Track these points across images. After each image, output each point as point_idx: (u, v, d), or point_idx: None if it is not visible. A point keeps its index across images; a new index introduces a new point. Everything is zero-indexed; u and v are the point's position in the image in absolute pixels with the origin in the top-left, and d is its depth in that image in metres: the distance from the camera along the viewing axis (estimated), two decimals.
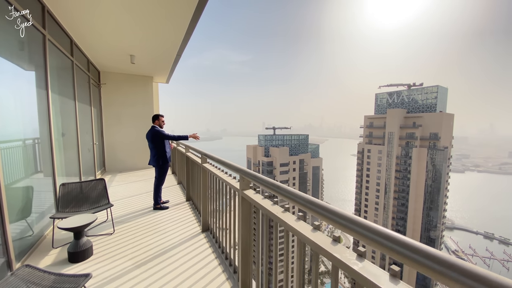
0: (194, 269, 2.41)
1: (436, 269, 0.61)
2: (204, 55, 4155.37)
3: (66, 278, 1.77)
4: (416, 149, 45.58)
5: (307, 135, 57.14)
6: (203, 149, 3.36)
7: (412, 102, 49.75)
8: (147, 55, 5.87)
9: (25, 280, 1.72)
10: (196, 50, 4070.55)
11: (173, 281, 2.23)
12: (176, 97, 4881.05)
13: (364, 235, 0.82)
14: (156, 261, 2.59)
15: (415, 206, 45.51)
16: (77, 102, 5.05)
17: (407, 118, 48.21)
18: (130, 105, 7.72)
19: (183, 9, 3.51)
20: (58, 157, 3.82)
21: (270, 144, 52.78)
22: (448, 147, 44.40)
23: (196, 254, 2.68)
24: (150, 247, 2.90)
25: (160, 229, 3.43)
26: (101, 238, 3.14)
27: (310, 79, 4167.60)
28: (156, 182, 4.29)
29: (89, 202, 3.38)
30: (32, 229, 2.97)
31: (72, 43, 4.78)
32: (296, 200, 1.17)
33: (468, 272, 0.55)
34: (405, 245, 0.69)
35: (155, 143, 4.20)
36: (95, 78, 6.78)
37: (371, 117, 53.54)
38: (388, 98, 53.30)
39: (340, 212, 0.94)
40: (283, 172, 50.69)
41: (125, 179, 6.55)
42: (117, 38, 4.74)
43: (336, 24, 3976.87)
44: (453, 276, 0.57)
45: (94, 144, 6.41)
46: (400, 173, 47.28)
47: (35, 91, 3.28)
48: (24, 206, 2.86)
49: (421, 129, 45.69)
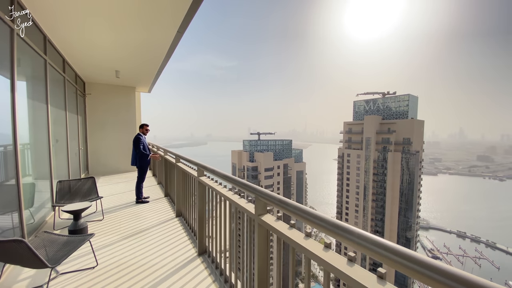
0: (169, 247, 3.30)
1: (407, 266, 0.72)
2: (189, 60, 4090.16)
3: (75, 237, 2.61)
4: (391, 153, 48.56)
5: (291, 140, 58.86)
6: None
7: (387, 109, 53.26)
8: (131, 70, 6.67)
9: (44, 240, 2.53)
10: (181, 55, 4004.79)
11: (152, 250, 3.11)
12: (159, 102, 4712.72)
13: (350, 239, 0.94)
14: (139, 235, 3.47)
15: (391, 207, 48.18)
16: (67, 112, 5.76)
17: (382, 124, 51.41)
18: (113, 113, 8.42)
19: (165, 32, 4.15)
20: (54, 159, 4.54)
21: (254, 149, 53.77)
22: (420, 151, 47.84)
23: (171, 236, 3.54)
24: (133, 226, 3.74)
25: (141, 216, 4.26)
26: (94, 223, 3.92)
27: (295, 86, 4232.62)
28: (137, 180, 5.10)
29: (81, 196, 4.14)
30: (33, 217, 3.69)
31: (64, 61, 5.54)
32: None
33: (438, 269, 0.66)
34: (381, 246, 0.81)
35: (134, 147, 5.06)
36: (81, 89, 7.45)
37: (350, 123, 56.46)
38: (365, 106, 56.61)
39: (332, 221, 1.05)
40: (267, 177, 51.64)
41: (108, 181, 7.22)
42: (104, 58, 5.55)
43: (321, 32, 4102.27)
44: (422, 271, 0.69)
45: (80, 149, 7.04)
46: (378, 176, 50.01)
47: (41, 106, 4.05)
48: (30, 198, 3.59)
49: (395, 135, 48.93)
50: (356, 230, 0.95)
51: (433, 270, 0.67)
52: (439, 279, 0.66)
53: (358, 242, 0.91)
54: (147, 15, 3.59)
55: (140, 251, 3.04)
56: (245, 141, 54.60)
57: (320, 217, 1.11)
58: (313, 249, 1.15)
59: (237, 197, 2.07)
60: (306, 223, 1.19)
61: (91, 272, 2.57)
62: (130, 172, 8.40)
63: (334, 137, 66.15)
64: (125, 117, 8.58)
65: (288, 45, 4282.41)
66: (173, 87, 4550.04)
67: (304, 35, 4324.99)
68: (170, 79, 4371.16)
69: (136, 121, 9.26)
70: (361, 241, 0.90)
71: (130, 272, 2.56)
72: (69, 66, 5.96)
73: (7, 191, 2.97)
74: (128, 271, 2.59)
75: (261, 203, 1.60)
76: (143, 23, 3.84)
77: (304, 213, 1.21)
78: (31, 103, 3.86)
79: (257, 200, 1.60)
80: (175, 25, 3.87)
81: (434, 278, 0.67)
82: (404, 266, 0.74)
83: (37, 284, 2.35)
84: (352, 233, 0.95)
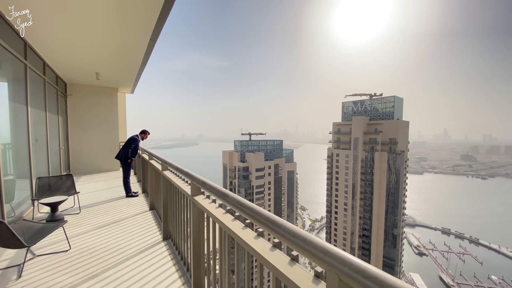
0: (138, 233, 3.67)
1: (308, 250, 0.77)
2: (180, 60, 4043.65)
3: (49, 223, 2.95)
4: (378, 153, 50.03)
5: (281, 141, 59.58)
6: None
7: (374, 110, 54.84)
8: (111, 72, 6.92)
9: (23, 226, 2.86)
10: (171, 54, 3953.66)
11: (122, 237, 3.48)
12: (148, 102, 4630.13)
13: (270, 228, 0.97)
14: (112, 225, 3.83)
15: (378, 206, 49.63)
16: (48, 112, 6.00)
17: (369, 124, 52.89)
18: (95, 113, 8.64)
19: (141, 32, 4.26)
20: (34, 157, 4.81)
21: (246, 149, 54.12)
22: (405, 151, 49.54)
23: (145, 226, 3.92)
24: (108, 219, 4.09)
25: (116, 210, 4.60)
26: (71, 216, 4.24)
27: (287, 86, 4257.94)
28: (123, 176, 5.47)
29: (59, 191, 4.43)
30: (14, 211, 3.98)
31: (44, 64, 5.79)
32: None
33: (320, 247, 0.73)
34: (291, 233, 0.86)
35: (125, 145, 5.48)
36: (62, 90, 7.65)
37: (338, 123, 57.76)
38: (353, 107, 58.06)
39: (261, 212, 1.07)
40: (258, 177, 52.07)
41: (89, 180, 7.47)
42: (83, 60, 5.83)
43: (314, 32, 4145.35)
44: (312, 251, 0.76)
45: (61, 149, 7.24)
46: (365, 176, 51.39)
47: (21, 107, 4.33)
48: (10, 193, 3.88)
49: (381, 135, 50.46)
50: (260, 210, 1.07)
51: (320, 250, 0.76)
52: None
53: (262, 222, 1.02)
54: (121, 20, 3.89)
55: (111, 237, 3.40)
56: (236, 142, 54.88)
57: (237, 199, 1.28)
58: (248, 239, 1.19)
59: (185, 185, 2.48)
60: (225, 203, 1.43)
61: (64, 255, 2.92)
62: (112, 172, 8.64)
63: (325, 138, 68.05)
64: (107, 118, 8.80)
65: (281, 45, 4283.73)
66: (163, 87, 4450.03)
67: (296, 35, 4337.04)
68: (160, 79, 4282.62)
69: (120, 121, 9.47)
70: (267, 222, 1.00)
71: (99, 254, 2.93)
72: (49, 68, 6.20)
73: None
74: (98, 253, 2.96)
75: (195, 186, 2.03)
76: (118, 27, 4.10)
77: (222, 194, 1.45)
78: (11, 105, 4.14)
79: (192, 184, 2.05)
80: (148, 28, 4.10)
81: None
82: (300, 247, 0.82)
83: (15, 264, 2.68)
84: (259, 214, 1.06)
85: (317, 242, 0.76)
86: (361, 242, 49.07)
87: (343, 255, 0.68)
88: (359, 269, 0.63)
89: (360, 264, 0.64)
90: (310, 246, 0.77)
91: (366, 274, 0.61)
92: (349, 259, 0.66)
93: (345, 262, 0.66)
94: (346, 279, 0.65)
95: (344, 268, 0.66)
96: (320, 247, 0.74)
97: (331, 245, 0.74)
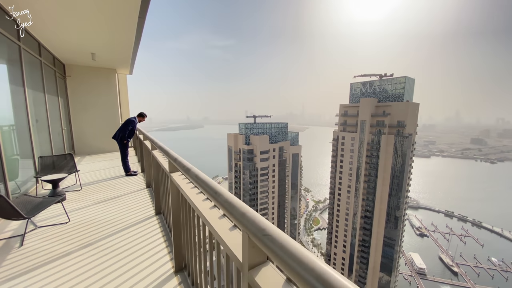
0: (133, 208, 3.90)
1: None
2: (183, 38, 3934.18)
3: (49, 198, 3.17)
4: (384, 136, 49.28)
5: (286, 123, 59.13)
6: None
7: (383, 91, 53.08)
8: (106, 52, 6.85)
9: (24, 201, 3.09)
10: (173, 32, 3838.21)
11: (118, 211, 3.71)
12: (151, 84, 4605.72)
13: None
14: (110, 201, 4.07)
15: (382, 188, 49.96)
16: (46, 93, 6.12)
17: (378, 107, 51.54)
18: (95, 95, 8.72)
19: (129, 10, 4.14)
20: (36, 137, 5.02)
21: (250, 132, 54.17)
22: (413, 134, 48.55)
23: (140, 202, 4.14)
24: (107, 195, 4.33)
25: (115, 187, 4.85)
26: (72, 192, 4.51)
27: (295, 68, 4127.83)
28: (121, 156, 5.67)
29: (60, 169, 4.67)
30: (19, 188, 4.25)
31: (40, 45, 5.79)
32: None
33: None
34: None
35: (122, 126, 5.66)
36: (60, 71, 7.69)
37: (345, 106, 56.46)
38: (361, 88, 56.23)
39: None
40: (263, 160, 52.64)
41: (93, 160, 7.78)
42: (78, 42, 5.80)
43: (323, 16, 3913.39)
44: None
45: (63, 130, 7.47)
46: (370, 159, 51.20)
47: (18, 89, 4.43)
48: (14, 171, 4.12)
49: (389, 117, 49.29)
50: (206, 179, 1.20)
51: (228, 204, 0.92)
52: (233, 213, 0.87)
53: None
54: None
55: (108, 212, 3.64)
56: (241, 124, 54.80)
57: (196, 173, 1.39)
58: (201, 207, 1.31)
59: (166, 162, 2.59)
60: (188, 177, 1.55)
61: (63, 226, 3.17)
62: (114, 152, 8.91)
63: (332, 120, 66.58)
64: (106, 99, 8.89)
65: (289, 23, 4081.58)
66: (169, 69, 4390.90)
67: (304, 13, 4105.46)
68: (166, 58, 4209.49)
69: (122, 103, 9.57)
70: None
71: (95, 226, 3.17)
72: (45, 49, 6.21)
73: None
74: (94, 225, 3.19)
75: (171, 164, 2.18)
76: (105, 4, 4.04)
77: (185, 169, 1.58)
78: (7, 86, 4.25)
79: (169, 161, 2.22)
80: (135, 5, 4.01)
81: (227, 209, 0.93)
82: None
83: (18, 234, 2.94)
84: (206, 184, 1.17)
85: (239, 207, 0.84)
86: (362, 223, 50.23)
87: (253, 218, 0.76)
88: (261, 228, 0.70)
89: (261, 224, 0.71)
90: (234, 210, 0.86)
91: (265, 232, 0.68)
92: (256, 222, 0.74)
93: (253, 223, 0.74)
94: (252, 236, 0.74)
95: (252, 228, 0.74)
96: (240, 211, 0.82)
97: (249, 210, 0.81)
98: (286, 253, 0.59)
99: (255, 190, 50.65)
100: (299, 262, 0.54)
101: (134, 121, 5.74)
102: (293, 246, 0.60)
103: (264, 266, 0.77)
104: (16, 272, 2.22)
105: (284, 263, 0.58)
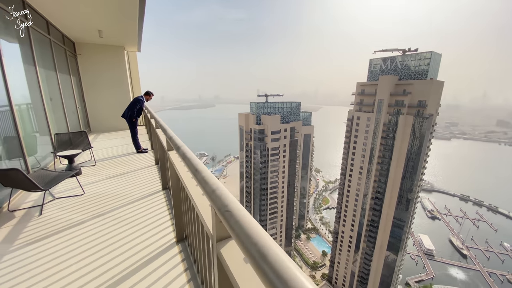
0: (143, 182, 4.10)
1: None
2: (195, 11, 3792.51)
3: (65, 172, 3.41)
4: (403, 116, 46.88)
5: (299, 103, 57.58)
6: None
7: (405, 68, 49.41)
8: (112, 28, 6.80)
9: (41, 174, 3.35)
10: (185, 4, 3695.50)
11: (130, 185, 3.94)
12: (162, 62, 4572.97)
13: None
14: (122, 175, 4.31)
15: (395, 170, 48.87)
16: (58, 72, 6.28)
17: (398, 85, 48.45)
18: (105, 73, 8.82)
19: None
20: (51, 115, 5.27)
21: (262, 112, 53.54)
22: (434, 115, 45.77)
23: (150, 178, 4.35)
24: (119, 170, 4.58)
25: (128, 163, 5.10)
26: (87, 167, 4.81)
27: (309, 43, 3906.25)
28: (131, 134, 5.89)
29: (76, 146, 4.94)
30: (39, 163, 4.58)
31: (48, 23, 5.81)
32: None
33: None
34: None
35: (130, 105, 5.79)
36: (70, 50, 7.77)
37: (363, 84, 53.51)
38: (382, 64, 52.51)
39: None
40: (274, 140, 52.54)
41: (107, 137, 8.14)
42: (84, 18, 5.76)
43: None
44: None
45: (78, 108, 7.75)
46: (386, 140, 49.54)
47: (30, 68, 4.57)
48: (33, 147, 4.41)
49: (410, 97, 46.36)
50: (189, 156, 1.29)
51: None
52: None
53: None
54: None
55: (119, 186, 3.88)
56: (252, 103, 54.07)
57: (183, 152, 1.42)
58: (195, 195, 1.33)
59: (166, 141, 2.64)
60: (178, 154, 1.57)
61: (78, 198, 3.44)
62: (128, 130, 9.20)
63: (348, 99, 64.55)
64: (116, 76, 8.99)
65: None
66: (180, 45, 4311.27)
67: None
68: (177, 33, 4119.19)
69: (134, 80, 9.66)
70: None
71: (108, 198, 3.41)
72: (54, 27, 6.23)
73: (10, 142, 3.74)
74: (107, 198, 3.43)
75: (168, 142, 2.25)
76: None
77: (176, 147, 1.61)
78: (21, 66, 4.39)
79: (166, 139, 2.29)
80: None
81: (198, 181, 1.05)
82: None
83: (38, 204, 3.24)
84: (188, 159, 1.26)
85: (211, 184, 0.86)
86: (373, 203, 50.24)
87: (220, 195, 0.78)
88: (224, 204, 0.72)
89: (226, 201, 0.73)
90: (207, 186, 0.90)
91: (227, 208, 0.70)
92: (222, 198, 0.77)
93: (219, 199, 0.76)
94: (217, 211, 0.76)
95: (217, 203, 0.77)
96: (211, 188, 0.85)
97: (219, 187, 0.83)
98: (241, 230, 0.60)
99: (265, 169, 51.40)
100: (252, 241, 0.54)
101: (142, 100, 5.83)
102: (251, 224, 0.61)
103: (230, 240, 0.81)
104: (36, 238, 2.49)
105: (238, 239, 0.59)
